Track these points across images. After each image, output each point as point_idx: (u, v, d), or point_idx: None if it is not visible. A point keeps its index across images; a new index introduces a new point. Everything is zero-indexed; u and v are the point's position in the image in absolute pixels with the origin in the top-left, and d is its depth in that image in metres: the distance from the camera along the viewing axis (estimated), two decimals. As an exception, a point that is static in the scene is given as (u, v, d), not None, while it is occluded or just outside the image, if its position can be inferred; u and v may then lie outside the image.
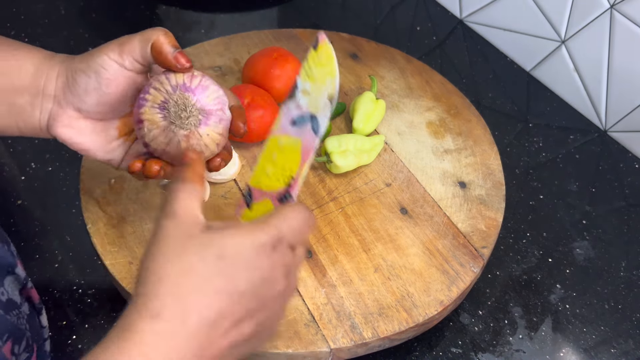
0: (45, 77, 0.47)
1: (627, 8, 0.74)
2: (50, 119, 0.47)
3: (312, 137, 0.42)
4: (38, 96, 0.47)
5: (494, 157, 0.68)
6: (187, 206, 0.37)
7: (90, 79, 0.45)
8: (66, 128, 0.47)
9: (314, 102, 0.43)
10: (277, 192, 0.43)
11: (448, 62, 0.92)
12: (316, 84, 0.43)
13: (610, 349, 0.61)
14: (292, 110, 0.44)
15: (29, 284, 0.50)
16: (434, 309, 0.55)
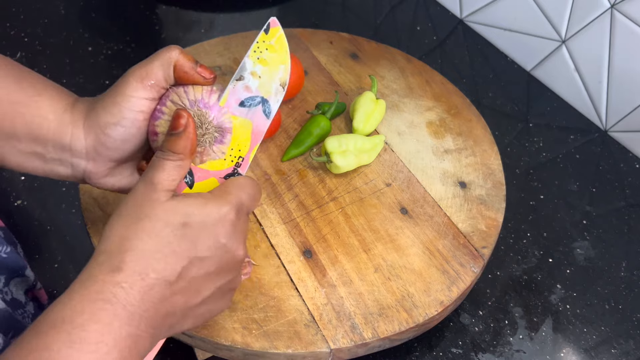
0: (71, 135, 0.44)
1: (627, 8, 0.74)
2: (85, 173, 0.46)
3: (264, 120, 0.43)
4: (65, 153, 0.45)
5: (494, 157, 0.68)
6: (167, 177, 0.39)
7: (126, 129, 0.44)
8: (106, 179, 0.46)
9: (265, 86, 0.43)
10: (223, 172, 0.43)
11: (448, 62, 0.92)
12: (268, 68, 0.43)
13: (610, 349, 0.61)
14: (240, 91, 0.43)
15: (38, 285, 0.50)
16: (434, 309, 0.55)
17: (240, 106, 0.43)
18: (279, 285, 0.56)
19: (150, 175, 0.39)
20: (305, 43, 0.80)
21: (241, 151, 0.43)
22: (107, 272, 0.36)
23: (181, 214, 0.38)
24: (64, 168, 0.46)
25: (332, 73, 0.77)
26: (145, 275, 0.36)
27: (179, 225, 0.38)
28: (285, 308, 0.54)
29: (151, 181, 0.39)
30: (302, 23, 0.97)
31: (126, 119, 0.43)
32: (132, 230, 0.37)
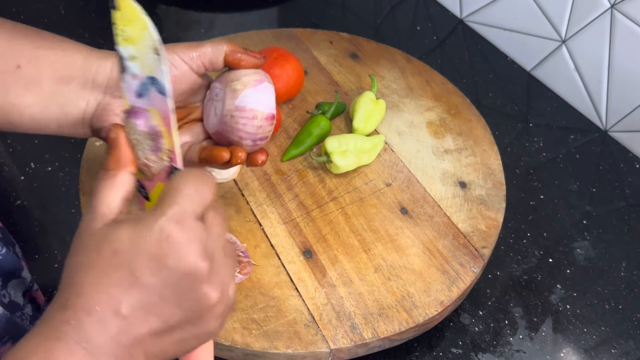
0: (97, 67, 0.46)
1: (627, 8, 0.74)
2: (98, 109, 0.46)
3: (163, 99, 0.38)
4: (86, 86, 0.46)
5: (494, 157, 0.68)
6: (103, 200, 0.36)
7: None
8: (117, 117, 0.46)
9: (145, 64, 0.38)
10: (163, 172, 0.40)
11: (448, 62, 0.92)
12: (138, 44, 0.38)
13: (610, 349, 0.61)
14: (131, 83, 0.39)
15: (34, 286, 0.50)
16: (434, 309, 0.55)
17: (139, 98, 0.39)
18: (279, 285, 0.56)
19: (91, 201, 0.37)
20: (305, 43, 0.80)
21: (165, 144, 0.39)
22: (57, 309, 0.34)
23: (111, 242, 0.34)
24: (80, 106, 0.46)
25: (332, 73, 0.77)
26: (90, 310, 0.33)
27: (110, 254, 0.34)
28: (285, 308, 0.54)
29: (91, 208, 0.37)
30: (302, 23, 0.97)
31: None
32: (72, 263, 0.35)
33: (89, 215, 0.36)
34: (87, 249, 0.35)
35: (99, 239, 0.35)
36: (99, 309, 0.34)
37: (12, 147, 0.76)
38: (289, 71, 0.69)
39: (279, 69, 0.69)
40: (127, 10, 0.38)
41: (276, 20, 1.00)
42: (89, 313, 0.33)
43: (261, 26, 0.92)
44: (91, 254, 0.35)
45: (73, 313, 0.34)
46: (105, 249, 0.34)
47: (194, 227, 0.34)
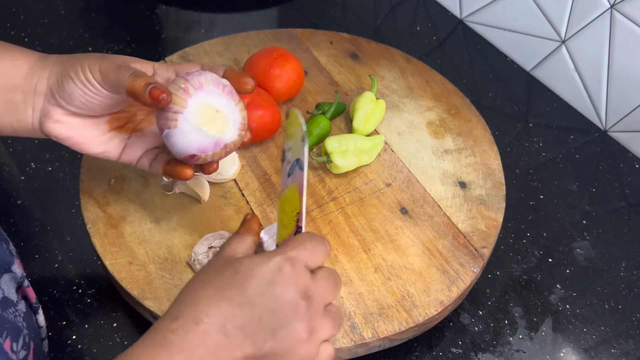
0: (38, 76, 0.48)
1: (627, 8, 0.74)
2: (41, 115, 0.49)
3: (300, 174, 0.45)
4: (30, 94, 0.49)
5: (494, 157, 0.68)
6: (232, 249, 0.43)
7: (76, 87, 0.47)
8: (56, 124, 0.49)
9: (294, 149, 0.47)
10: (292, 233, 0.45)
11: (448, 62, 0.92)
12: (292, 139, 0.47)
13: (610, 349, 0.61)
14: (286, 167, 0.48)
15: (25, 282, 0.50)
16: (434, 309, 0.55)
17: (288, 177, 0.47)
18: (279, 285, 0.56)
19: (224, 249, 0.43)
20: (305, 43, 0.80)
21: (295, 208, 0.45)
22: (167, 320, 0.38)
23: (233, 265, 0.40)
24: (28, 112, 0.49)
25: (332, 73, 0.77)
26: (199, 321, 0.37)
27: (231, 273, 0.39)
28: (285, 308, 0.54)
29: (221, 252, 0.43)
30: (302, 23, 0.97)
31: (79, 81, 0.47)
32: (192, 283, 0.40)
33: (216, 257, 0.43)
34: (209, 272, 0.41)
35: (223, 264, 0.41)
36: (206, 320, 0.37)
37: (12, 147, 0.76)
38: (289, 71, 0.69)
39: (279, 69, 0.69)
40: (293, 118, 0.47)
41: (276, 20, 1.00)
42: (197, 323, 0.37)
43: (261, 26, 0.92)
44: (213, 274, 0.40)
45: (182, 322, 0.38)
46: (227, 270, 0.40)
47: (303, 272, 0.40)
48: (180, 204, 0.61)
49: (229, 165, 0.63)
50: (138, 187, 0.63)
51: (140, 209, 0.61)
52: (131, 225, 0.59)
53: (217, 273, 0.40)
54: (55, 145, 0.76)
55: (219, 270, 0.40)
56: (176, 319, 0.38)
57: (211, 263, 0.42)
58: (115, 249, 0.57)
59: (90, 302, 0.61)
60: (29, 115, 0.49)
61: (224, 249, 0.43)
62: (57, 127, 0.49)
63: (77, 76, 0.46)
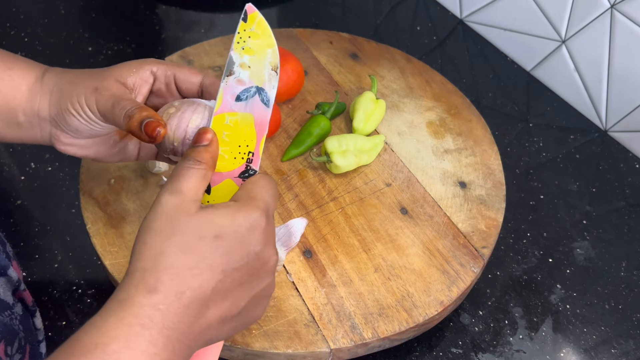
0: (39, 103, 0.47)
1: (627, 8, 0.74)
2: (51, 137, 0.48)
3: (264, 109, 0.42)
4: (34, 117, 0.48)
5: (494, 157, 0.68)
6: (193, 185, 0.38)
7: (81, 124, 0.46)
8: (68, 146, 0.48)
9: (257, 74, 0.42)
10: (237, 171, 0.43)
11: (448, 62, 0.92)
12: (255, 56, 0.42)
13: (610, 349, 0.61)
14: (234, 86, 0.42)
15: (21, 286, 0.49)
16: (434, 309, 0.55)
17: (237, 101, 0.43)
18: (279, 285, 0.56)
19: (177, 184, 0.38)
20: (305, 43, 0.80)
21: (249, 146, 0.43)
22: (144, 292, 0.35)
23: (214, 226, 0.37)
24: (36, 131, 0.48)
25: (332, 73, 0.77)
26: (181, 295, 0.35)
27: (212, 237, 0.37)
28: (285, 308, 0.54)
29: (179, 190, 0.38)
30: (302, 23, 0.97)
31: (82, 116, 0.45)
32: (166, 245, 0.36)
33: (176, 198, 0.37)
34: (185, 231, 0.36)
35: (199, 222, 0.37)
36: (189, 294, 0.35)
37: (12, 147, 0.76)
38: (289, 71, 0.69)
39: (279, 68, 0.69)
40: (257, 27, 0.42)
41: (276, 20, 1.00)
42: (180, 297, 0.35)
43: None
44: (191, 236, 0.36)
45: (164, 297, 0.35)
46: (208, 233, 0.36)
47: (272, 223, 0.40)
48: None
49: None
50: (138, 187, 0.62)
51: (140, 209, 0.61)
52: (131, 225, 0.59)
53: (195, 235, 0.36)
54: (55, 145, 0.76)
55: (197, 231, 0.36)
56: (154, 291, 0.35)
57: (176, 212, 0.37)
58: (115, 249, 0.57)
59: (90, 302, 0.61)
60: (37, 134, 0.49)
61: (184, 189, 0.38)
62: (70, 149, 0.48)
63: (79, 113, 0.45)
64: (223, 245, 0.37)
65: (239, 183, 0.43)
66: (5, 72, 0.47)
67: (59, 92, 0.46)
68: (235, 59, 0.43)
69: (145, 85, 0.47)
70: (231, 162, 0.43)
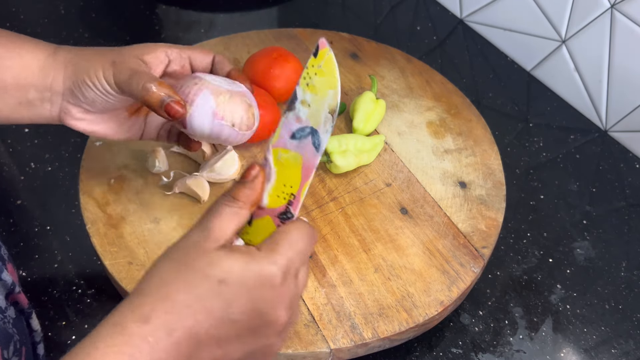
0: (52, 77, 0.48)
1: (627, 8, 0.74)
2: (61, 112, 0.49)
3: (314, 153, 0.40)
4: (46, 92, 0.49)
5: (494, 157, 0.68)
6: (223, 227, 0.37)
7: (97, 95, 0.48)
8: (78, 121, 0.50)
9: (314, 115, 0.40)
10: (277, 210, 0.41)
11: (448, 62, 0.92)
12: (317, 95, 0.40)
13: (610, 349, 0.61)
14: (292, 123, 0.41)
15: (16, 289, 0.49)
16: (434, 309, 0.55)
17: (291, 139, 0.41)
18: (279, 285, 0.55)
19: (206, 220, 0.37)
20: (305, 43, 0.80)
21: (292, 188, 0.40)
22: (137, 320, 0.34)
23: (221, 270, 0.35)
24: (46, 107, 0.49)
25: (332, 73, 0.76)
26: (172, 331, 0.34)
27: (217, 281, 0.35)
28: (285, 308, 0.54)
29: (205, 226, 0.36)
30: (302, 23, 0.97)
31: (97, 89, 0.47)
32: (172, 276, 0.35)
33: (201, 234, 0.36)
34: (193, 267, 0.35)
35: (209, 262, 0.35)
36: (180, 333, 0.34)
37: (12, 147, 0.76)
38: (289, 71, 0.69)
39: (279, 68, 0.69)
40: (324, 64, 0.40)
41: (276, 20, 1.00)
42: (170, 334, 0.33)
43: (261, 26, 0.92)
44: (197, 274, 0.35)
45: (154, 329, 0.33)
46: (213, 275, 0.35)
47: (291, 285, 0.37)
48: (180, 204, 0.61)
49: (229, 165, 0.63)
50: (138, 187, 0.62)
51: (140, 209, 0.61)
52: (131, 225, 0.59)
53: (201, 273, 0.35)
54: (55, 145, 0.76)
55: (204, 270, 0.35)
56: (147, 321, 0.33)
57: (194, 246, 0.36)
58: (115, 249, 0.57)
59: (90, 302, 0.61)
60: (47, 110, 0.50)
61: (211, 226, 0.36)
62: (79, 124, 0.50)
63: (95, 85, 0.47)
64: (225, 292, 0.35)
65: (276, 223, 0.41)
66: (15, 51, 0.48)
67: (75, 65, 0.48)
68: (298, 94, 0.41)
69: (161, 65, 0.50)
70: (274, 200, 0.41)
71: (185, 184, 0.61)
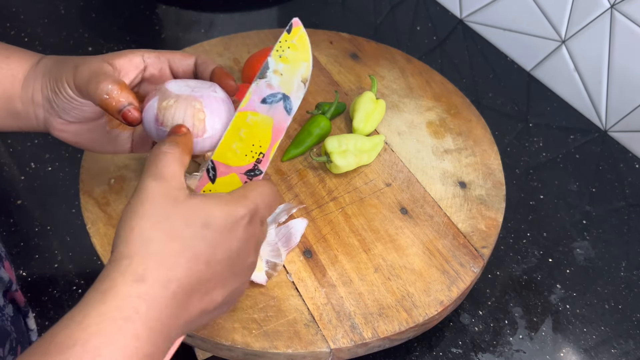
0: (32, 88, 0.48)
1: (627, 8, 0.74)
2: (46, 123, 0.49)
3: (285, 116, 0.44)
4: (30, 104, 0.48)
5: (494, 157, 0.68)
6: (174, 170, 0.38)
7: (63, 102, 0.46)
8: (61, 132, 0.49)
9: (287, 83, 0.45)
10: (244, 167, 0.44)
11: (448, 62, 0.92)
12: (290, 65, 0.45)
13: (610, 349, 0.61)
14: (263, 89, 0.45)
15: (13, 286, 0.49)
16: (434, 309, 0.55)
17: (262, 103, 0.45)
18: (279, 285, 0.56)
19: (158, 170, 0.38)
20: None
21: (262, 147, 0.44)
22: (130, 281, 0.33)
23: (202, 215, 0.36)
24: (31, 118, 0.48)
25: (332, 73, 0.77)
26: (167, 284, 0.34)
27: (200, 226, 0.36)
28: (285, 308, 0.54)
29: (162, 176, 0.37)
30: (302, 23, 0.97)
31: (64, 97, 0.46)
32: (154, 231, 0.35)
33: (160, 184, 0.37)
34: (173, 218, 0.36)
35: (189, 210, 0.36)
36: (175, 284, 0.35)
37: (12, 147, 0.76)
38: (289, 71, 0.69)
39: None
40: (297, 40, 0.45)
41: (276, 20, 1.00)
42: (166, 287, 0.34)
43: (261, 26, 0.92)
44: (179, 223, 0.36)
45: (151, 287, 0.34)
46: (196, 221, 0.36)
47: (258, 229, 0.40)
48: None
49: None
50: (138, 187, 0.62)
51: (140, 209, 0.61)
52: (131, 225, 0.59)
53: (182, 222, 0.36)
54: (55, 145, 0.76)
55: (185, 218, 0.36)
56: (142, 280, 0.34)
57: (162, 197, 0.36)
58: (115, 249, 0.57)
59: (90, 302, 0.61)
60: (33, 121, 0.49)
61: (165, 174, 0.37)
62: (63, 135, 0.49)
63: (61, 92, 0.46)
64: (209, 236, 0.36)
65: (243, 180, 0.44)
66: (3, 62, 0.48)
67: (49, 74, 0.47)
68: (270, 64, 0.45)
69: (135, 70, 0.47)
70: (242, 158, 0.44)
71: (185, 184, 0.61)
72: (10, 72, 0.48)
